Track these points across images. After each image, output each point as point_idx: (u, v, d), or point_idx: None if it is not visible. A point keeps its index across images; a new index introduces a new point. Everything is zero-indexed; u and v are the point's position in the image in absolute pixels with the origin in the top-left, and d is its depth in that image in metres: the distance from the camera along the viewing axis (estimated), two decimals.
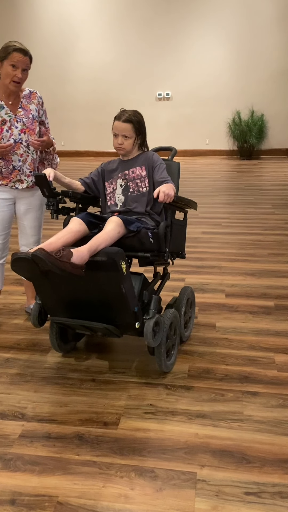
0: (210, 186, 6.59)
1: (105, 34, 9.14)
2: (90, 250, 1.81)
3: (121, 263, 1.82)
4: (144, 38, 9.03)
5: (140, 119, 2.24)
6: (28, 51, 2.39)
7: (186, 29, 8.83)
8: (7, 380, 2.13)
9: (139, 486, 1.55)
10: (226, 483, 1.55)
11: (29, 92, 2.56)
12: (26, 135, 2.47)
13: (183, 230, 2.40)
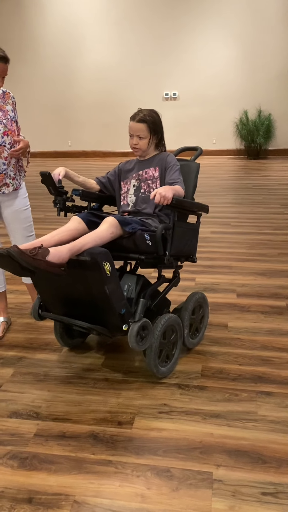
0: (218, 186, 6.58)
1: (111, 34, 9.15)
2: (71, 250, 1.79)
3: (103, 264, 1.79)
4: (150, 38, 9.02)
5: (156, 118, 2.21)
6: (6, 56, 2.29)
7: (193, 29, 8.82)
8: (21, 379, 2.14)
9: (155, 486, 1.55)
10: (242, 483, 1.55)
11: (2, 92, 2.46)
12: (9, 137, 2.40)
13: (194, 234, 2.28)
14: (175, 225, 2.08)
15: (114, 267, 1.84)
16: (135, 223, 2.02)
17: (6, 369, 2.22)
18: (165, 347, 2.10)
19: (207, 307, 2.44)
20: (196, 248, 2.33)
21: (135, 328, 1.88)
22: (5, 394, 2.03)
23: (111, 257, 1.84)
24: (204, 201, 5.58)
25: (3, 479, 1.58)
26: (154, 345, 2.00)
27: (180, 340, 2.19)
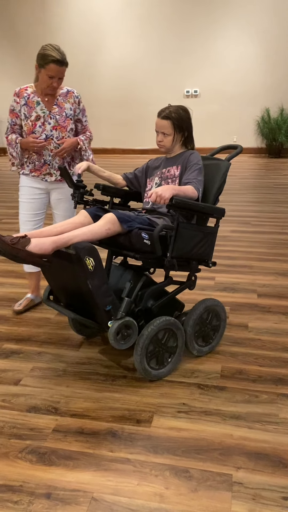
0: (238, 184, 6.51)
1: (132, 31, 9.12)
2: (56, 242, 1.80)
3: (86, 259, 1.78)
4: (172, 34, 8.97)
5: (182, 115, 2.15)
6: (64, 60, 2.42)
7: (214, 25, 8.74)
8: (40, 374, 2.15)
9: (174, 486, 1.53)
10: (263, 486, 1.52)
11: (67, 91, 2.64)
12: (58, 131, 2.56)
13: (208, 237, 2.14)
14: (180, 226, 1.98)
15: (99, 263, 1.83)
16: (136, 221, 1.97)
17: (26, 364, 2.22)
18: (158, 350, 2.05)
19: (223, 314, 2.29)
20: (211, 253, 2.19)
21: (114, 326, 1.86)
22: (24, 388, 2.04)
23: (96, 253, 1.81)
24: (224, 200, 5.53)
25: (22, 473, 1.58)
26: (140, 346, 1.96)
27: (180, 346, 2.12)
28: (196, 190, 2.05)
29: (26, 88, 2.56)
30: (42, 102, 2.54)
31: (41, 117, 2.53)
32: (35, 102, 2.53)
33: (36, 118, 2.52)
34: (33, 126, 2.53)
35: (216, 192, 2.19)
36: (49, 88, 2.49)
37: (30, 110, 2.52)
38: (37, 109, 2.52)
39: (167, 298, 2.14)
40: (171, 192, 1.92)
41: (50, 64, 2.38)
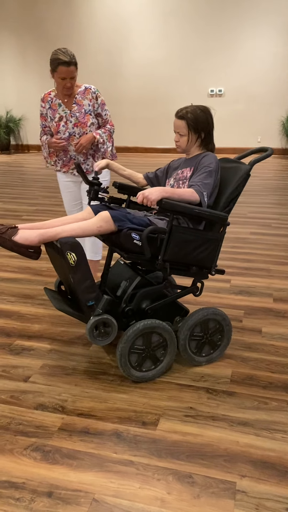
0: (260, 185, 6.42)
1: (158, 29, 9.09)
2: (43, 235, 1.87)
3: (67, 254, 1.83)
4: (197, 33, 8.90)
5: (199, 116, 2.07)
6: (71, 60, 2.53)
7: (240, 24, 8.63)
8: (49, 371, 2.16)
9: (176, 491, 1.51)
10: (267, 496, 1.49)
11: (84, 88, 2.77)
12: (79, 128, 2.76)
13: (209, 244, 2.04)
14: (174, 230, 1.93)
15: (83, 259, 1.86)
16: (133, 221, 1.96)
17: (36, 361, 2.24)
18: (144, 352, 2.03)
19: (225, 325, 2.18)
20: (213, 260, 2.09)
21: (91, 322, 1.89)
22: (33, 385, 2.06)
23: (79, 249, 1.85)
24: (245, 201, 5.46)
25: (25, 471, 1.59)
26: (121, 346, 1.96)
27: (169, 353, 2.08)
28: (198, 194, 1.97)
29: (49, 93, 2.78)
30: (62, 103, 2.75)
31: (63, 117, 2.75)
32: (57, 104, 2.75)
33: (59, 118, 2.75)
34: (57, 126, 2.76)
35: (228, 197, 2.08)
36: (64, 89, 2.65)
37: (54, 112, 2.76)
38: (59, 110, 2.75)
39: (163, 302, 2.10)
40: (159, 194, 1.88)
41: (59, 67, 2.54)
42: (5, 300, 2.91)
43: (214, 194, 2.08)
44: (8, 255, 3.73)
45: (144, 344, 2.01)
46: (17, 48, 10.12)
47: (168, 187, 2.00)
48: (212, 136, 2.16)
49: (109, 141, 2.85)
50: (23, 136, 10.83)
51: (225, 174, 2.16)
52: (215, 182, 2.05)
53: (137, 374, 2.04)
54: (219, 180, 2.10)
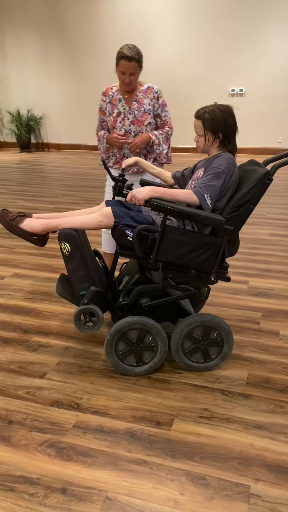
0: (281, 186, 6.34)
1: (179, 28, 9.06)
2: (46, 225, 2.02)
3: (61, 244, 1.98)
4: (219, 32, 8.84)
5: (217, 116, 1.99)
6: (133, 56, 2.54)
7: (262, 23, 8.53)
8: (65, 368, 2.17)
9: (189, 492, 1.51)
10: (281, 501, 1.47)
11: (147, 87, 2.76)
12: (135, 126, 2.73)
13: (207, 248, 1.97)
14: (167, 230, 1.92)
15: (77, 250, 1.98)
16: (135, 219, 2.00)
17: (52, 358, 2.26)
18: (132, 348, 2.07)
19: (226, 338, 2.09)
20: (211, 265, 2.01)
21: (77, 310, 2.00)
22: (49, 382, 2.07)
23: (74, 240, 1.97)
24: (264, 202, 5.40)
25: (40, 466, 1.61)
26: (107, 338, 2.05)
27: (159, 352, 2.07)
28: (197, 195, 1.91)
29: (111, 87, 2.77)
30: (123, 99, 2.73)
31: (121, 113, 2.73)
32: (117, 100, 2.74)
33: (117, 114, 2.73)
34: (114, 122, 2.74)
35: (238, 200, 1.96)
36: (124, 85, 2.65)
37: (113, 107, 2.74)
38: (118, 106, 2.73)
39: (162, 301, 2.10)
40: (147, 193, 1.91)
41: (121, 60, 2.55)
42: (23, 297, 2.94)
43: (225, 197, 1.99)
44: (27, 253, 3.77)
45: (135, 339, 2.06)
46: (39, 47, 10.21)
47: (160, 187, 1.98)
48: (232, 137, 2.06)
49: (166, 143, 2.79)
50: (43, 135, 10.93)
51: (244, 177, 2.07)
52: (224, 184, 1.95)
53: (126, 367, 2.10)
54: (233, 182, 2.00)
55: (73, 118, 10.50)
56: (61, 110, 10.54)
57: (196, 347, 2.11)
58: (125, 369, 2.10)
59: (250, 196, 1.95)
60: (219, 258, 2.00)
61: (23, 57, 10.43)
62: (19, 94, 10.77)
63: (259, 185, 1.94)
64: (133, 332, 2.05)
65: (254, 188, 1.94)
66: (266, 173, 1.94)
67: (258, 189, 1.95)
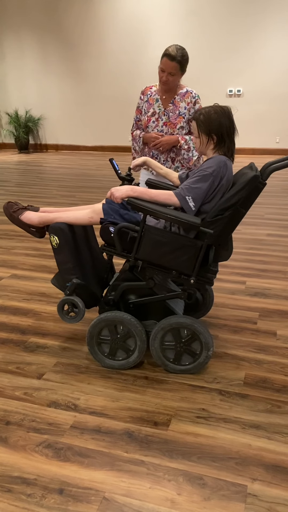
0: (279, 187, 6.35)
1: (177, 29, 9.07)
2: (42, 218, 2.13)
3: (51, 236, 2.08)
4: (217, 33, 8.85)
5: (211, 118, 1.94)
6: (176, 56, 2.54)
7: (260, 24, 8.55)
8: (63, 369, 2.17)
9: (187, 492, 1.51)
10: (278, 501, 1.47)
11: (186, 91, 2.76)
12: (167, 127, 2.75)
13: (185, 250, 1.97)
14: (146, 229, 1.96)
15: (66, 243, 2.07)
16: (125, 217, 2.06)
17: (50, 359, 2.26)
18: (112, 341, 2.13)
19: (205, 342, 2.04)
20: (190, 267, 1.99)
21: (60, 300, 2.11)
22: (46, 383, 2.07)
23: (63, 234, 2.06)
24: (263, 202, 5.41)
25: (37, 467, 1.61)
26: (89, 330, 2.13)
27: (137, 348, 2.10)
28: (178, 197, 1.92)
29: (151, 87, 2.81)
30: (160, 99, 2.75)
31: (156, 113, 2.76)
32: (155, 99, 2.76)
33: (152, 114, 2.76)
34: (148, 121, 2.78)
35: (223, 203, 1.91)
36: (161, 83, 2.66)
37: (149, 106, 2.77)
38: (155, 105, 2.76)
39: (146, 299, 2.13)
40: (124, 192, 1.97)
41: (164, 58, 2.57)
42: (21, 298, 2.94)
43: (214, 200, 1.96)
44: (25, 254, 3.77)
45: (113, 333, 2.12)
46: (37, 48, 10.22)
47: (139, 187, 1.99)
48: (227, 139, 1.99)
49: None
50: (41, 136, 10.93)
51: (236, 181, 2.01)
52: (212, 187, 1.92)
53: (107, 360, 2.16)
54: (224, 185, 1.95)
55: (71, 119, 10.51)
56: (60, 111, 10.55)
57: (174, 349, 2.10)
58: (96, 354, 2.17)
59: (236, 199, 1.88)
60: (199, 261, 1.98)
61: (21, 58, 10.43)
62: (17, 95, 10.78)
63: (246, 188, 1.87)
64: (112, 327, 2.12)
65: (240, 192, 1.87)
66: (254, 177, 1.86)
67: (246, 192, 1.88)
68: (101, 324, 2.10)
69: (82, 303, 2.09)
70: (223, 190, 1.96)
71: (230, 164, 1.99)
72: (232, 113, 2.00)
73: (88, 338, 2.14)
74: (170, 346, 2.10)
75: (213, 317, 2.65)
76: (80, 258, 2.18)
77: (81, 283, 2.10)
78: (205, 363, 2.08)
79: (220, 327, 2.55)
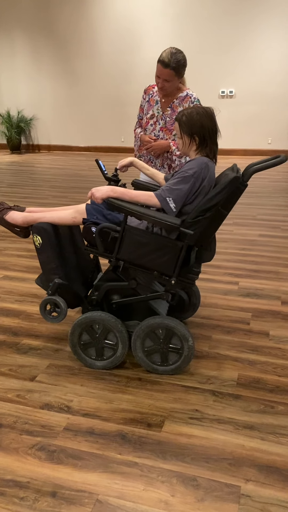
0: (271, 187, 6.38)
1: (169, 30, 9.08)
2: (26, 217, 2.13)
3: (33, 236, 2.10)
4: (209, 34, 8.88)
5: (193, 119, 1.93)
6: (170, 63, 2.45)
7: (252, 25, 8.59)
8: (55, 371, 2.16)
9: (180, 494, 1.51)
10: (271, 501, 1.47)
11: (186, 94, 2.66)
12: (163, 133, 2.69)
13: (166, 251, 1.97)
14: (126, 229, 1.97)
15: (49, 243, 2.08)
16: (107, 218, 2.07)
17: (43, 360, 2.25)
18: (93, 342, 2.13)
19: (185, 345, 2.04)
20: (170, 268, 1.99)
21: (43, 300, 2.10)
22: (39, 385, 2.06)
23: (45, 234, 2.07)
24: (255, 203, 5.43)
25: (30, 470, 1.60)
26: (69, 340, 2.15)
27: (118, 349, 2.11)
28: (158, 198, 1.93)
29: (153, 86, 2.72)
30: (159, 102, 2.69)
31: (155, 116, 2.71)
32: (155, 101, 2.70)
33: (151, 116, 2.71)
34: (146, 123, 2.73)
35: (203, 204, 1.89)
36: (158, 89, 2.60)
37: (149, 108, 2.72)
38: (154, 108, 2.70)
39: (127, 300, 2.14)
40: (105, 192, 1.96)
41: (158, 64, 2.50)
42: (13, 299, 2.92)
43: (196, 201, 1.95)
44: (17, 255, 3.75)
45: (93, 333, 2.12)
46: (29, 48, 10.18)
47: (119, 187, 1.99)
48: (209, 141, 1.97)
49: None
50: (34, 136, 10.89)
51: (218, 182, 1.99)
52: (193, 189, 1.91)
53: (89, 361, 2.17)
54: (206, 187, 1.94)
55: (63, 120, 10.48)
56: (52, 111, 10.52)
57: (156, 349, 2.10)
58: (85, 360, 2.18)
59: (216, 201, 1.87)
60: (180, 262, 1.98)
61: (13, 58, 10.39)
62: (9, 96, 10.73)
63: (227, 190, 1.86)
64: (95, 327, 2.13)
65: (220, 193, 1.86)
66: (235, 178, 1.84)
67: (227, 194, 1.87)
68: (78, 330, 2.12)
69: (64, 303, 2.09)
70: (205, 191, 1.96)
71: (212, 165, 1.98)
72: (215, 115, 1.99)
73: (71, 347, 2.16)
74: (153, 350, 2.10)
75: (206, 318, 2.66)
76: (63, 258, 2.18)
77: (63, 283, 2.11)
78: (190, 355, 2.06)
79: (213, 327, 2.55)
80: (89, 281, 2.38)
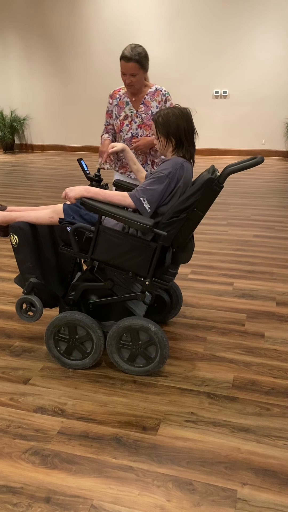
0: (264, 188, 6.38)
1: (162, 30, 9.07)
2: (5, 217, 2.12)
3: (10, 235, 2.09)
4: (202, 35, 8.87)
5: (169, 120, 1.92)
6: (132, 56, 2.46)
7: (246, 26, 8.59)
8: (49, 374, 2.14)
9: (176, 498, 1.49)
10: (268, 505, 1.46)
11: (155, 89, 2.69)
12: (142, 130, 2.68)
13: (140, 251, 1.97)
14: (101, 229, 1.97)
15: (25, 243, 2.07)
16: (84, 218, 2.07)
17: (36, 363, 2.22)
18: (68, 341, 2.13)
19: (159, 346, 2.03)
20: (144, 269, 1.99)
21: (18, 299, 2.10)
22: (33, 388, 2.04)
23: (24, 233, 2.06)
24: (249, 203, 5.43)
25: (24, 475, 1.57)
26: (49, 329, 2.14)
27: (94, 349, 2.11)
28: (132, 198, 1.92)
29: (119, 90, 2.71)
30: (130, 102, 2.68)
31: (128, 116, 2.68)
32: (125, 103, 2.69)
33: (124, 117, 2.69)
34: (121, 125, 2.70)
35: (178, 205, 1.89)
36: (127, 86, 2.58)
37: (120, 110, 2.69)
38: (125, 109, 2.68)
39: (103, 300, 2.14)
40: (78, 192, 1.95)
41: (121, 61, 2.50)
42: (6, 301, 2.89)
43: (171, 202, 1.94)
44: (10, 256, 3.72)
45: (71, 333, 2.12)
46: (22, 48, 10.12)
47: (93, 187, 1.98)
48: (186, 142, 1.96)
49: None
50: (27, 136, 10.83)
51: (194, 183, 1.96)
52: (168, 189, 1.91)
53: (66, 360, 2.17)
54: (181, 187, 1.94)
55: (57, 119, 10.43)
56: (45, 111, 10.46)
57: (130, 350, 2.10)
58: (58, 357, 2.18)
59: (190, 202, 1.86)
60: (154, 263, 1.97)
61: (6, 58, 10.32)
62: (2, 95, 10.66)
63: (201, 191, 1.85)
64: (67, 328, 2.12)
65: (195, 194, 1.86)
66: (209, 180, 1.84)
67: (202, 195, 1.85)
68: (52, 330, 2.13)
69: (40, 302, 2.08)
70: (180, 192, 1.95)
71: (188, 166, 1.97)
72: (192, 115, 1.98)
73: (50, 353, 2.17)
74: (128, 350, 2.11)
75: (201, 319, 2.64)
76: (41, 257, 2.18)
77: (39, 283, 2.10)
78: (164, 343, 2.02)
79: (208, 329, 2.54)
80: (68, 280, 2.36)
